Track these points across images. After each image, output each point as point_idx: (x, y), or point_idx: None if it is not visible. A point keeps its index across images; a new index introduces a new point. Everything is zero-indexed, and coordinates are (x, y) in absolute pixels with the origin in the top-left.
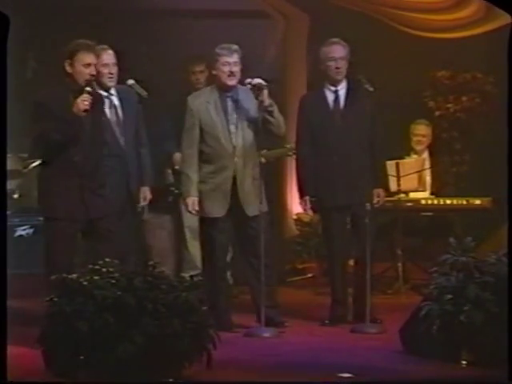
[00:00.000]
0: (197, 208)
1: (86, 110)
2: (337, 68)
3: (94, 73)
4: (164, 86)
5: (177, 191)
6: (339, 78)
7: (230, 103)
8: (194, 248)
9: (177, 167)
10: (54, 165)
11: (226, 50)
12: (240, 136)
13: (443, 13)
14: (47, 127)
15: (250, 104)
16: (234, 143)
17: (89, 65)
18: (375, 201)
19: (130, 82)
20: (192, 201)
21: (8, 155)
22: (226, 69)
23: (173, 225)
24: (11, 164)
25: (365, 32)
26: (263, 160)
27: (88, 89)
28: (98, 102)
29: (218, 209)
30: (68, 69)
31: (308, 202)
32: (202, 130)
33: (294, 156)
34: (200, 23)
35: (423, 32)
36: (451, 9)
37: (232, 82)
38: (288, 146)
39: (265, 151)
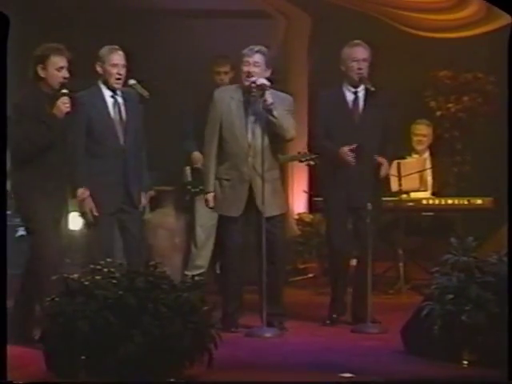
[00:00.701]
0: (212, 204)
1: (67, 113)
2: (359, 69)
3: (67, 75)
4: (183, 86)
5: (193, 190)
6: (360, 79)
7: (251, 102)
8: (204, 247)
9: (196, 166)
10: (30, 168)
11: (249, 49)
12: (256, 135)
13: (444, 13)
14: (29, 130)
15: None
16: (249, 142)
17: (61, 68)
18: (380, 159)
19: (132, 82)
20: (211, 197)
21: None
22: (245, 69)
23: (176, 224)
24: None
25: (366, 32)
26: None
27: (64, 91)
28: (74, 104)
29: (234, 208)
30: (41, 73)
31: None
32: (221, 125)
33: (306, 162)
34: (201, 23)
35: (424, 32)
36: (452, 9)
37: (247, 82)
38: (301, 152)
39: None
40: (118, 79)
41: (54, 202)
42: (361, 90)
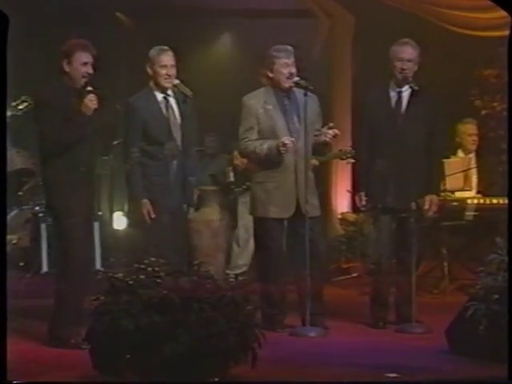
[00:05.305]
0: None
1: (95, 109)
2: (402, 69)
3: (91, 71)
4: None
5: (237, 189)
6: (404, 79)
7: (287, 103)
8: (246, 246)
9: (236, 162)
10: (60, 163)
11: (284, 51)
12: (300, 136)
13: (489, 11)
14: (54, 127)
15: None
16: (294, 144)
17: (85, 64)
18: (426, 206)
19: (176, 81)
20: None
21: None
22: (286, 70)
23: (220, 223)
24: None
25: (410, 31)
26: (316, 162)
27: (90, 88)
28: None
29: (283, 210)
30: (66, 68)
31: (363, 198)
32: (260, 129)
33: (349, 160)
34: (246, 22)
35: (470, 30)
36: (497, 7)
37: (290, 84)
38: (343, 149)
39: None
40: (168, 79)
41: (81, 196)
42: (405, 90)
